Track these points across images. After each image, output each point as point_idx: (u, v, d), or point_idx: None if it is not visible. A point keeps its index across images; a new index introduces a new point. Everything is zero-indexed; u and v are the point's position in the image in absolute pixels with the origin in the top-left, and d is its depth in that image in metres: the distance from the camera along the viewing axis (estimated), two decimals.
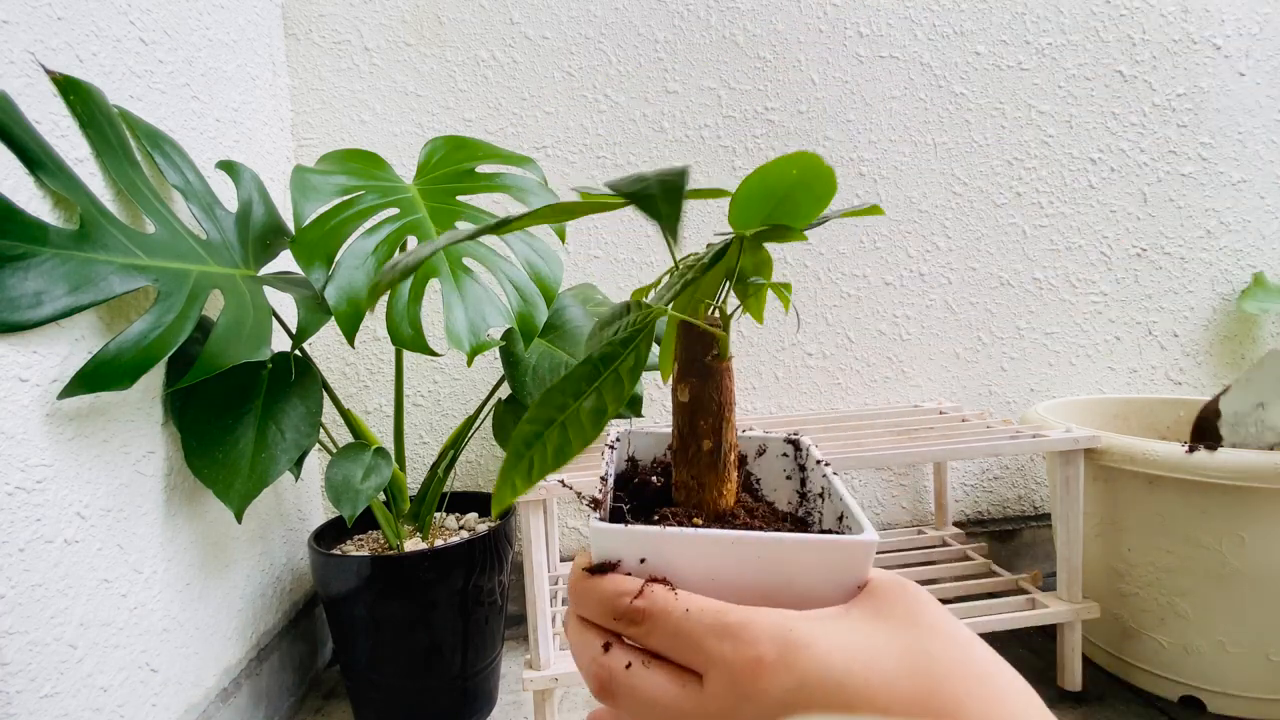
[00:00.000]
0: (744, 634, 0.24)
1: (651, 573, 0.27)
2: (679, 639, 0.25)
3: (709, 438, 0.30)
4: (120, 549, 0.69)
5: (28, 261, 0.57)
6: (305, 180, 0.82)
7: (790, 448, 0.37)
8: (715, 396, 0.30)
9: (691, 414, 0.30)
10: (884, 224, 1.25)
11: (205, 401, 0.76)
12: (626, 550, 0.27)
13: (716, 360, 0.30)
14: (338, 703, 1.04)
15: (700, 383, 0.30)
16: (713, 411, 0.30)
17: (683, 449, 0.31)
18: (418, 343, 0.80)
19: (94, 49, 0.70)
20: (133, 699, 0.69)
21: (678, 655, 0.26)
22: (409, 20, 1.14)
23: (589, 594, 0.27)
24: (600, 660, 0.27)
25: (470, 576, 0.91)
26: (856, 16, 1.21)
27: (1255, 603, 0.87)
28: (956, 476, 1.30)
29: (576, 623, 0.28)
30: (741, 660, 0.24)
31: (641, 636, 0.26)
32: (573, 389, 0.29)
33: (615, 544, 0.27)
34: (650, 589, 0.26)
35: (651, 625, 0.26)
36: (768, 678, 0.23)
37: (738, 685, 0.24)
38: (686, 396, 0.30)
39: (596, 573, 0.28)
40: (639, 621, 0.26)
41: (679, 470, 0.31)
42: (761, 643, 0.24)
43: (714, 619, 0.25)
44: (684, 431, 0.31)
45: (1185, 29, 1.27)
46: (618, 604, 0.27)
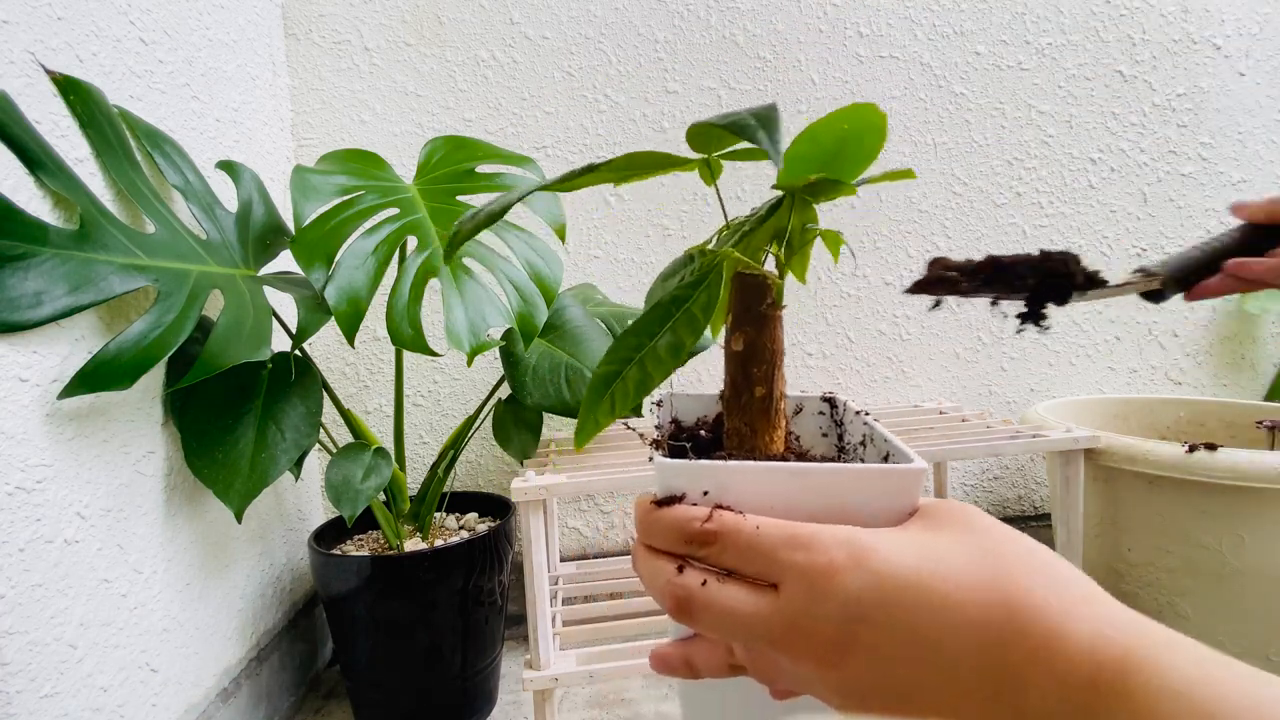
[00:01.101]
0: (815, 543, 0.26)
1: (715, 503, 0.28)
2: (752, 553, 0.26)
3: (762, 384, 0.31)
4: (120, 549, 0.69)
5: (28, 261, 0.57)
6: (305, 180, 0.82)
7: (826, 405, 0.39)
8: (769, 345, 0.31)
9: (745, 362, 0.31)
10: (884, 224, 1.25)
11: (205, 401, 0.76)
12: (690, 484, 0.28)
13: (771, 308, 0.31)
14: (338, 703, 1.04)
15: (755, 331, 0.31)
16: (766, 359, 0.31)
17: (735, 396, 0.32)
18: (418, 343, 0.80)
19: (94, 49, 0.70)
20: (133, 699, 0.69)
21: (752, 569, 0.27)
22: (409, 20, 1.14)
23: (658, 523, 0.29)
24: (676, 580, 0.28)
25: (470, 576, 0.91)
26: (856, 16, 1.21)
27: (1255, 603, 0.87)
28: (956, 476, 1.30)
29: (645, 552, 0.29)
30: (816, 564, 0.25)
31: (715, 556, 0.27)
32: (647, 330, 0.30)
33: (680, 478, 0.28)
34: (719, 513, 0.27)
35: (724, 544, 0.27)
36: (842, 576, 0.25)
37: (814, 586, 0.25)
38: (741, 345, 0.31)
39: (663, 505, 0.29)
40: (711, 542, 0.27)
41: (731, 418, 0.32)
42: (832, 548, 0.25)
43: (783, 531, 0.26)
44: (737, 380, 0.32)
45: (1185, 29, 1.27)
46: (689, 528, 0.28)
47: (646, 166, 0.31)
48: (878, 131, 0.30)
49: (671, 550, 0.29)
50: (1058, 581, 0.24)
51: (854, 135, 0.30)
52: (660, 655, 0.32)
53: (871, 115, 0.29)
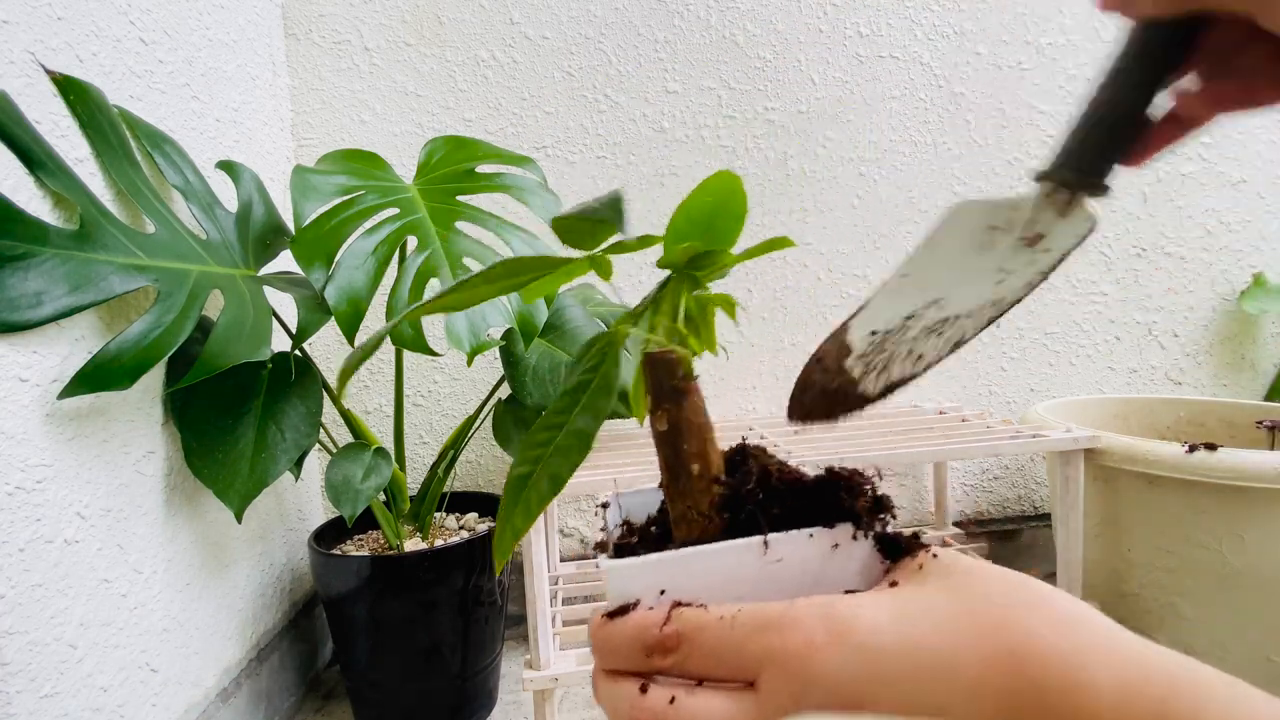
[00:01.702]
0: (786, 622, 0.23)
1: (673, 602, 0.25)
2: (721, 650, 0.24)
3: (696, 461, 0.30)
4: (120, 549, 0.69)
5: (28, 261, 0.57)
6: (305, 180, 0.82)
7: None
8: (693, 419, 0.30)
9: (674, 441, 0.30)
10: (884, 224, 1.25)
11: (205, 401, 0.76)
12: (643, 584, 0.26)
13: (684, 381, 0.30)
14: (338, 703, 1.04)
15: (675, 408, 0.30)
16: (695, 434, 0.30)
17: (674, 480, 0.30)
18: (418, 343, 0.80)
19: (94, 49, 0.70)
20: (133, 699, 0.69)
21: (723, 670, 0.24)
22: (409, 20, 1.14)
23: (612, 639, 0.25)
24: (640, 704, 0.24)
25: (470, 576, 0.91)
26: (856, 16, 1.21)
27: (1255, 603, 0.87)
28: (956, 476, 1.30)
29: (605, 678, 0.26)
30: (792, 647, 0.22)
31: (680, 663, 0.24)
32: (555, 421, 0.29)
33: (631, 579, 0.26)
34: (678, 611, 0.25)
35: (689, 647, 0.24)
36: (823, 657, 0.22)
37: (795, 675, 0.22)
38: (665, 424, 0.30)
39: (616, 616, 0.26)
40: (673, 648, 0.24)
41: (674, 504, 0.31)
42: (807, 626, 0.23)
43: (752, 618, 0.24)
44: (671, 461, 0.30)
45: None
46: (647, 636, 0.24)
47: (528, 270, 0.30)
48: (737, 195, 0.30)
49: (634, 669, 0.25)
50: (1063, 621, 0.21)
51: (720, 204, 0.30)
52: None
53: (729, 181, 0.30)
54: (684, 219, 0.31)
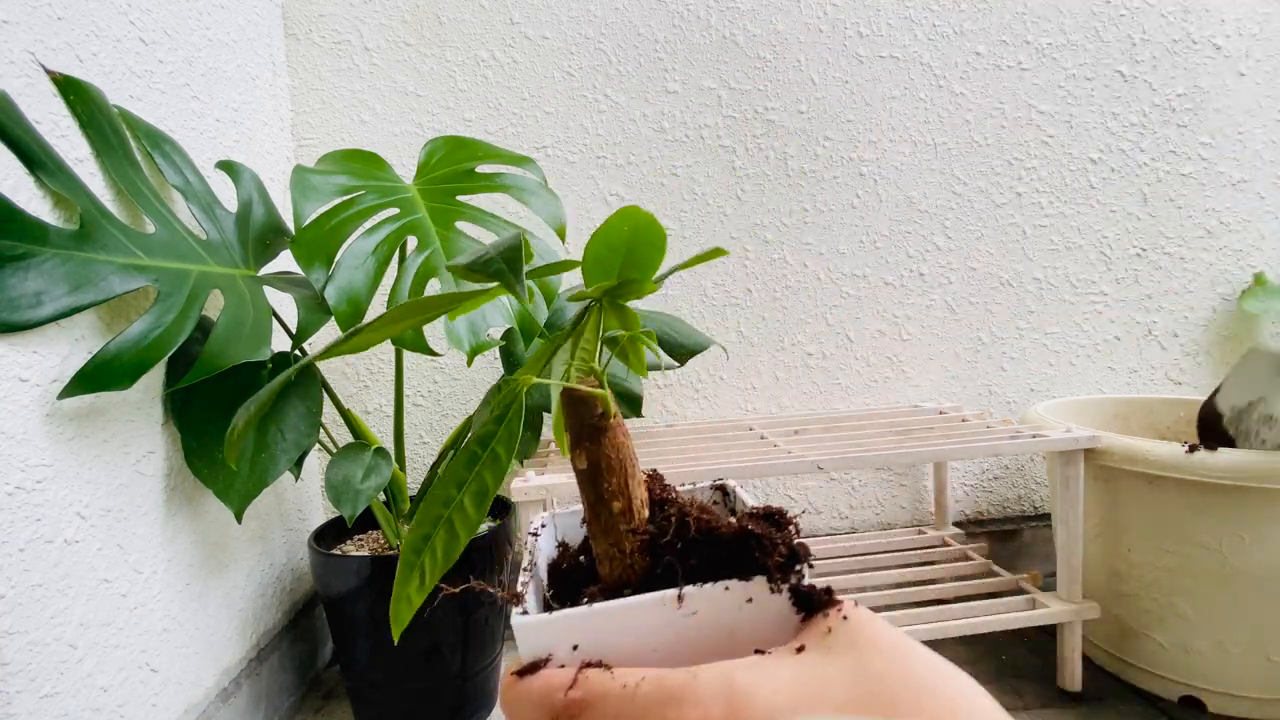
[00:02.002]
0: (687, 696, 0.23)
1: (587, 658, 0.25)
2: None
3: (617, 498, 0.30)
4: (120, 549, 0.69)
5: (28, 261, 0.57)
6: (305, 180, 0.82)
7: (719, 494, 0.37)
8: (613, 455, 0.30)
9: (594, 478, 0.30)
10: (884, 224, 1.25)
11: (205, 401, 0.76)
12: (555, 640, 0.26)
13: (604, 419, 0.30)
14: (338, 703, 1.04)
15: (595, 446, 0.30)
16: (615, 470, 0.30)
17: (595, 517, 0.30)
18: (418, 343, 0.80)
19: (94, 49, 0.70)
20: (133, 699, 0.69)
21: None
22: (409, 20, 1.14)
23: (520, 700, 0.25)
24: None
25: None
26: (856, 16, 1.21)
27: (1255, 603, 0.87)
28: (956, 476, 1.30)
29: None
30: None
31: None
32: (455, 479, 0.29)
33: (540, 636, 0.26)
34: (584, 675, 0.25)
35: (591, 715, 0.24)
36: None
37: None
38: (584, 462, 0.30)
39: (526, 674, 0.26)
40: (578, 714, 0.24)
41: (597, 542, 0.30)
42: (705, 702, 0.23)
43: (654, 688, 0.24)
44: (592, 498, 0.30)
45: (1185, 29, 1.27)
46: (552, 700, 0.24)
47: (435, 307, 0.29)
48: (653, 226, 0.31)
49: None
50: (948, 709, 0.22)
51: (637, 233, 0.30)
52: None
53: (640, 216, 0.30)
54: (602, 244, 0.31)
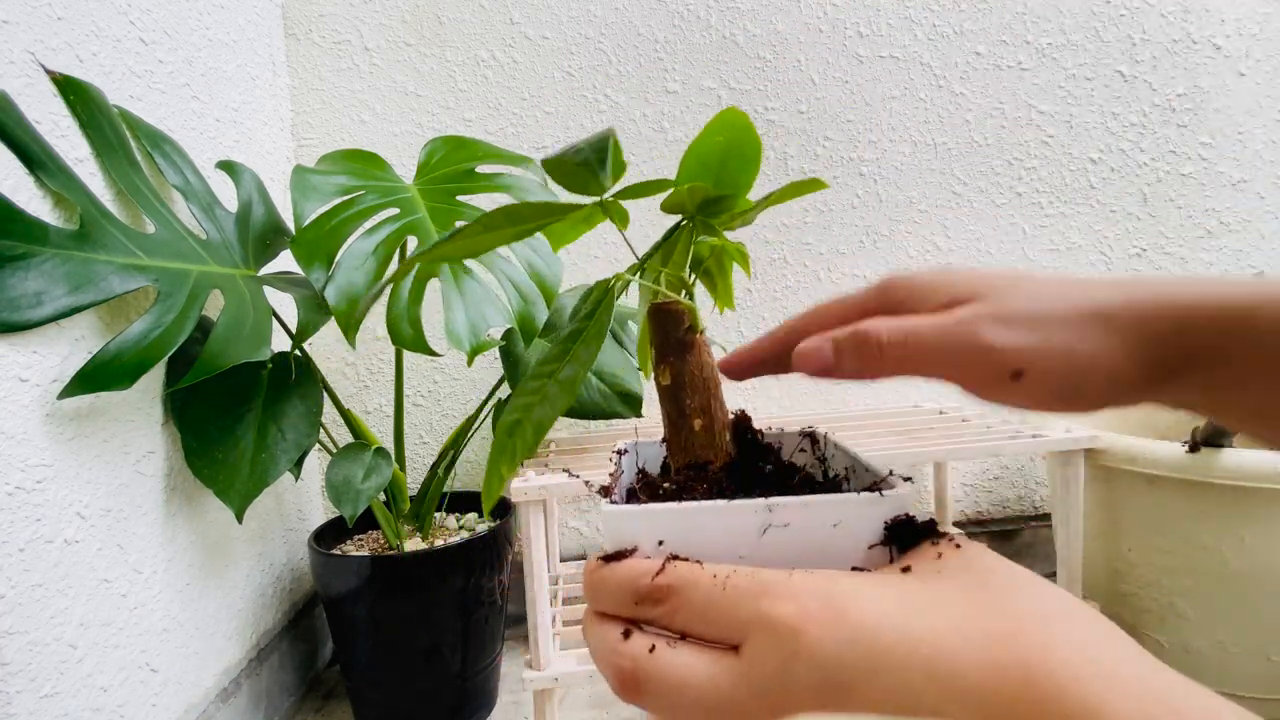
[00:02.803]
0: (783, 591, 0.22)
1: (670, 555, 0.25)
2: (710, 609, 0.22)
3: (699, 416, 0.29)
4: (120, 549, 0.69)
5: (28, 261, 0.57)
6: (305, 180, 0.82)
7: (807, 440, 0.36)
8: (697, 372, 0.29)
9: (676, 394, 0.29)
10: (884, 224, 1.25)
11: (205, 401, 0.76)
12: (643, 533, 0.25)
13: (690, 333, 0.29)
14: (338, 703, 1.04)
15: (680, 360, 0.29)
16: (699, 388, 0.29)
17: (675, 434, 0.29)
18: (418, 343, 0.80)
19: (94, 49, 0.70)
20: (133, 699, 0.69)
21: (709, 629, 0.23)
22: (409, 20, 1.14)
23: (604, 582, 0.25)
24: (619, 649, 0.23)
25: (470, 576, 0.91)
26: (856, 16, 1.21)
27: (1255, 603, 0.87)
28: (956, 476, 1.30)
29: (594, 620, 0.25)
30: (783, 617, 0.21)
31: (667, 616, 0.23)
32: (546, 370, 0.28)
33: (630, 527, 0.25)
34: (672, 565, 0.24)
35: (678, 600, 0.23)
36: (816, 633, 0.20)
37: (782, 646, 0.21)
38: (669, 378, 0.29)
39: (611, 560, 0.25)
40: (663, 599, 0.23)
41: (675, 458, 0.30)
42: (804, 598, 0.21)
43: (747, 581, 0.22)
44: (673, 415, 0.30)
45: (1185, 29, 1.27)
46: (638, 585, 0.24)
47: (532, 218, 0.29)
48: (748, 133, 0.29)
49: (621, 614, 0.24)
50: (1087, 642, 0.19)
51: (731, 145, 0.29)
52: None
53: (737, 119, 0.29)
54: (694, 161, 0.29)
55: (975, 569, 0.22)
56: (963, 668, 0.19)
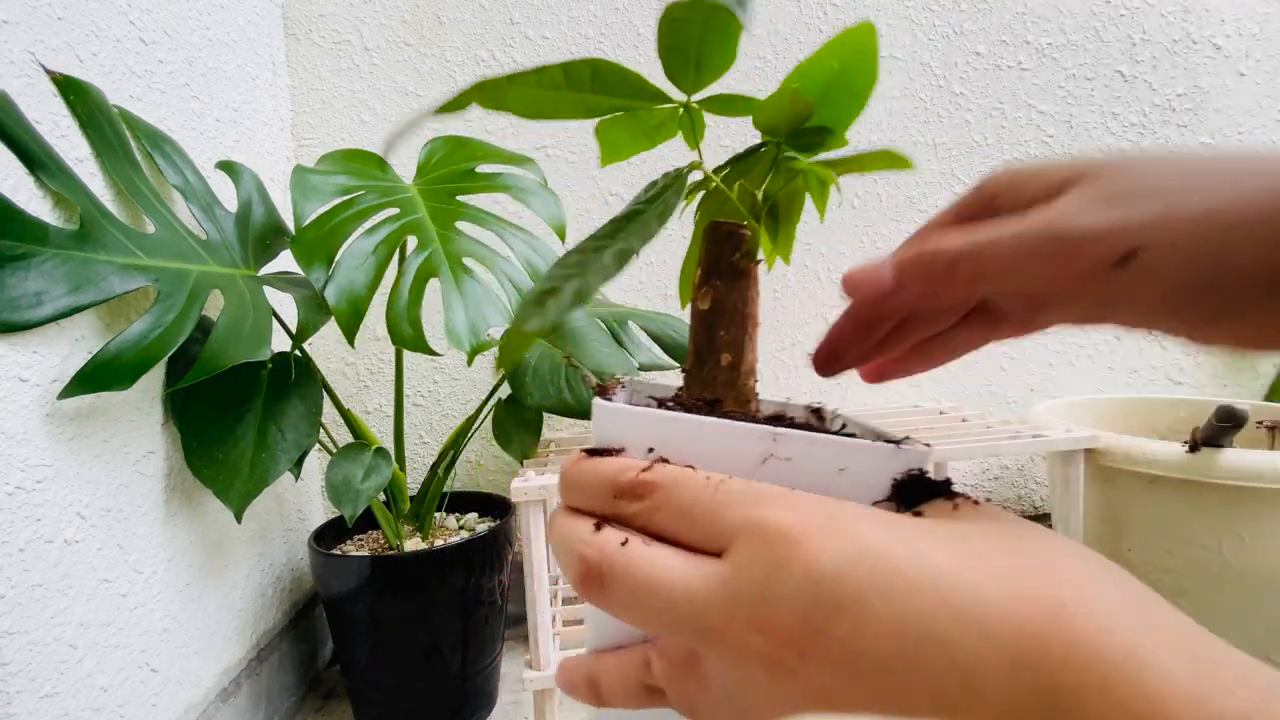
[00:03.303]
0: (781, 502, 0.19)
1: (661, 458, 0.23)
2: (696, 509, 0.20)
3: (729, 351, 0.26)
4: (120, 549, 0.69)
5: (28, 261, 0.57)
6: (305, 180, 0.82)
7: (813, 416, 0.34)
8: (739, 305, 0.27)
9: (711, 323, 0.27)
10: (884, 224, 1.25)
11: (205, 401, 0.76)
12: (634, 435, 0.23)
13: (745, 259, 0.27)
14: (338, 703, 1.04)
15: (726, 287, 0.26)
16: (736, 321, 0.27)
17: (698, 365, 0.27)
18: (418, 343, 0.80)
19: (94, 49, 0.70)
20: (133, 699, 0.69)
21: (693, 532, 0.20)
22: (409, 20, 1.14)
23: (583, 474, 0.22)
24: (588, 539, 0.21)
25: (470, 576, 0.91)
26: (856, 16, 1.21)
27: (1255, 603, 0.87)
28: (957, 476, 1.30)
29: (563, 514, 0.23)
30: (781, 522, 0.18)
31: (646, 513, 0.21)
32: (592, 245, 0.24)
33: (622, 427, 0.23)
34: (661, 465, 0.22)
35: (662, 497, 0.21)
36: (814, 543, 0.18)
37: (772, 552, 0.18)
38: (708, 303, 0.26)
39: (595, 455, 0.23)
40: (645, 494, 0.21)
41: (690, 391, 0.27)
42: (804, 508, 0.19)
43: (744, 485, 0.20)
44: (701, 345, 0.27)
45: (1185, 29, 1.27)
46: (620, 479, 0.21)
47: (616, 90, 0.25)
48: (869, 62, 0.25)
49: (596, 509, 0.22)
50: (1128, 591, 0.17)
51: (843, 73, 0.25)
52: (564, 669, 0.25)
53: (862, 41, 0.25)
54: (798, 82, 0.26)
55: (1000, 519, 0.20)
56: (985, 597, 0.16)
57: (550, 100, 0.25)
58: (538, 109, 0.25)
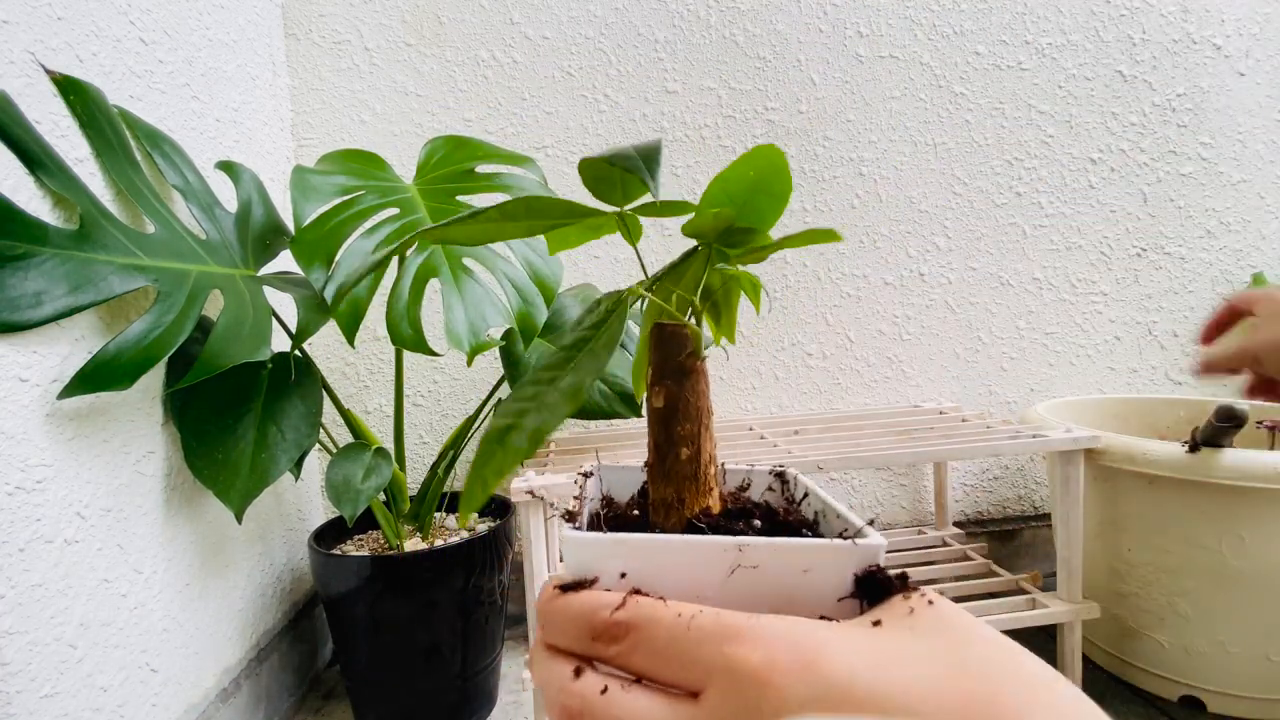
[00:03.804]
0: (752, 635, 0.21)
1: (632, 588, 0.24)
2: (670, 650, 0.21)
3: (687, 445, 0.28)
4: (120, 549, 0.69)
5: (28, 261, 0.57)
6: (305, 180, 0.82)
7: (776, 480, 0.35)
8: (692, 400, 0.28)
9: (667, 420, 0.28)
10: (884, 224, 1.25)
11: (205, 401, 0.76)
12: (604, 563, 0.24)
13: (692, 359, 0.28)
14: (338, 703, 1.04)
15: (676, 385, 0.28)
16: (690, 416, 0.28)
17: (659, 460, 0.29)
18: (418, 343, 0.80)
19: (94, 49, 0.70)
20: (133, 699, 0.69)
21: (668, 672, 0.21)
22: (409, 20, 1.14)
23: (560, 614, 0.23)
24: (569, 689, 0.22)
25: (470, 576, 0.91)
26: (856, 16, 1.21)
27: (1255, 603, 0.87)
28: (956, 476, 1.30)
29: (543, 652, 0.24)
30: (748, 663, 0.20)
31: (624, 655, 0.22)
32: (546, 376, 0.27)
33: (592, 555, 0.24)
34: (634, 599, 0.23)
35: (637, 638, 0.22)
36: (783, 683, 0.19)
37: (745, 693, 0.20)
38: (661, 401, 0.28)
39: (570, 590, 0.24)
40: (620, 636, 0.22)
41: (655, 486, 0.29)
42: (771, 645, 0.20)
43: (712, 623, 0.21)
44: (660, 441, 0.29)
45: (1185, 29, 1.27)
46: (595, 619, 0.22)
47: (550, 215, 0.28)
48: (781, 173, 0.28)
49: (574, 649, 0.23)
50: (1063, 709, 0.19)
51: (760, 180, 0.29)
52: None
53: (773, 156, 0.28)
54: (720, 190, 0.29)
55: (950, 627, 0.21)
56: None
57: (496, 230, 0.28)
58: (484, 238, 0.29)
